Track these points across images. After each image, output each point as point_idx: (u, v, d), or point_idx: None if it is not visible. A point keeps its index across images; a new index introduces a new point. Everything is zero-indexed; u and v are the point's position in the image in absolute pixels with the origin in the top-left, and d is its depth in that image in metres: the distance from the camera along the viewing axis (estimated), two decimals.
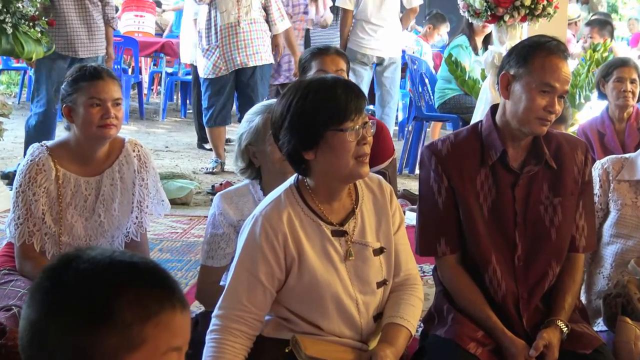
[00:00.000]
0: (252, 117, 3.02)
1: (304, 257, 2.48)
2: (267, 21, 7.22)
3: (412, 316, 2.61)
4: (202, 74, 7.31)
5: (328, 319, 2.51)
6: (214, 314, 2.48)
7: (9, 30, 5.35)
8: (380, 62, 7.76)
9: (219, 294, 3.01)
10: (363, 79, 7.56)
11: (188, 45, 8.78)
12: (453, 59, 6.67)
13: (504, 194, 2.84)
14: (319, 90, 2.41)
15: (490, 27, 6.37)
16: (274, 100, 3.10)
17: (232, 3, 6.99)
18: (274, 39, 7.32)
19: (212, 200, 6.10)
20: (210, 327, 2.46)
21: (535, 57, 2.76)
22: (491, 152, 2.83)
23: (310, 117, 2.39)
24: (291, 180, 2.57)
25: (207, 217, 5.48)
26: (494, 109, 2.91)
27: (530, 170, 2.85)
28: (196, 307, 3.39)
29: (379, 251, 2.58)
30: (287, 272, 2.49)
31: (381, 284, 2.59)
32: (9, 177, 6.16)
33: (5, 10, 5.33)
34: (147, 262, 1.37)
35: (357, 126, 2.40)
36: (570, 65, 3.24)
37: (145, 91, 12.01)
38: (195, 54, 8.02)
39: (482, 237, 2.83)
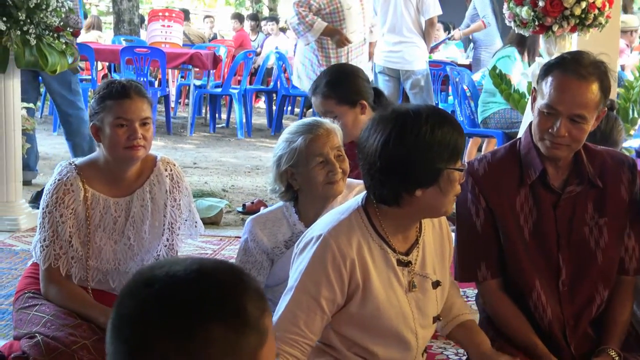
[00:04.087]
0: (293, 137, 3.02)
1: (369, 286, 2.48)
2: None
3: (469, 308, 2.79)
4: None
5: (384, 348, 2.54)
6: None
7: (33, 42, 5.42)
8: (404, 75, 7.91)
9: None
10: (386, 91, 7.68)
11: None
12: (498, 71, 6.67)
13: (545, 215, 2.85)
14: (434, 126, 2.37)
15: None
16: (313, 119, 3.12)
17: (360, 22, 7.27)
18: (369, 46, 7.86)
19: (243, 219, 6.26)
20: None
21: (548, 75, 2.76)
22: (530, 171, 2.84)
23: (430, 155, 2.37)
24: (358, 201, 2.55)
25: (238, 237, 5.64)
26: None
27: (572, 190, 2.85)
28: None
29: (436, 284, 2.60)
30: (348, 298, 2.49)
31: (436, 319, 2.62)
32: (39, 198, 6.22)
33: (29, 21, 5.41)
34: (225, 262, 1.47)
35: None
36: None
37: (172, 105, 12.11)
38: None
39: (523, 260, 2.84)
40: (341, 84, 3.79)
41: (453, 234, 2.83)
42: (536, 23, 5.24)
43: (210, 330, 1.35)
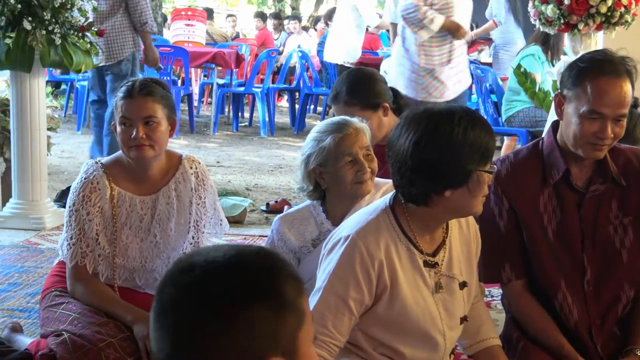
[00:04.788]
0: (322, 136, 3.02)
1: (397, 287, 2.49)
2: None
3: (496, 332, 2.78)
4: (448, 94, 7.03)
5: (412, 349, 2.54)
6: None
7: (58, 41, 5.46)
8: None
9: None
10: None
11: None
12: (522, 69, 6.65)
13: (569, 215, 2.84)
14: (467, 128, 2.37)
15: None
16: (342, 118, 3.13)
17: (467, 20, 7.13)
18: None
19: (267, 218, 6.27)
20: None
21: (584, 80, 2.71)
22: (553, 171, 2.84)
23: (461, 156, 2.37)
24: (386, 201, 2.56)
25: (262, 235, 5.67)
26: (556, 125, 2.89)
27: (596, 189, 2.84)
28: None
29: (462, 285, 2.60)
30: (376, 299, 2.50)
31: (463, 319, 2.62)
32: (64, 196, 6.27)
33: (54, 20, 5.44)
34: (261, 247, 1.52)
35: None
36: None
37: (195, 104, 12.15)
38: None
39: (548, 261, 2.84)
40: (362, 89, 3.77)
41: None
42: (562, 21, 5.22)
43: (251, 312, 1.39)
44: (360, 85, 3.78)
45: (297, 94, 12.34)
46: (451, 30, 6.85)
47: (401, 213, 2.52)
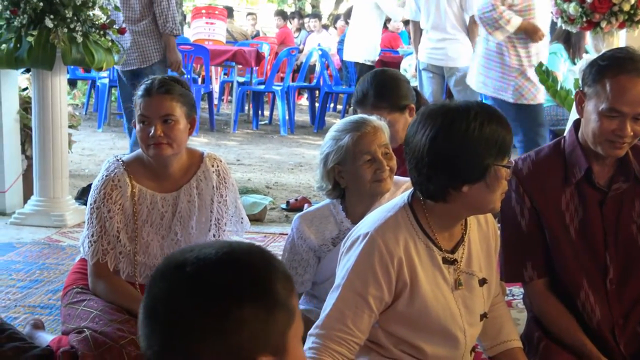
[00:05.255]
0: (340, 134, 3.02)
1: (417, 284, 2.48)
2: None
3: (517, 334, 2.76)
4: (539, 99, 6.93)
5: (432, 346, 2.54)
6: (312, 332, 2.48)
7: (79, 39, 5.48)
8: (448, 72, 7.89)
9: None
10: (430, 88, 7.68)
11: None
12: (544, 68, 6.61)
13: (591, 213, 2.83)
14: (483, 123, 2.37)
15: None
16: (360, 116, 3.12)
17: (546, 22, 6.90)
18: None
19: (287, 216, 6.27)
20: (309, 345, 2.45)
21: (604, 78, 2.69)
22: (575, 169, 2.82)
23: (479, 150, 2.36)
24: (404, 198, 2.55)
25: (282, 234, 5.67)
26: (577, 123, 2.87)
27: (618, 187, 2.83)
28: None
29: (482, 282, 2.59)
30: (395, 296, 2.49)
31: (483, 316, 2.61)
32: (85, 194, 6.31)
33: (75, 18, 5.46)
34: (253, 245, 1.51)
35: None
36: None
37: (215, 102, 12.16)
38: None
39: (570, 260, 2.82)
40: (389, 92, 3.76)
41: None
42: (584, 19, 5.19)
43: (242, 310, 1.39)
44: (387, 87, 3.76)
45: (317, 92, 12.33)
46: (528, 32, 6.71)
47: (420, 210, 2.51)
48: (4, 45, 5.43)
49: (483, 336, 2.72)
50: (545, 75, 6.21)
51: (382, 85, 3.78)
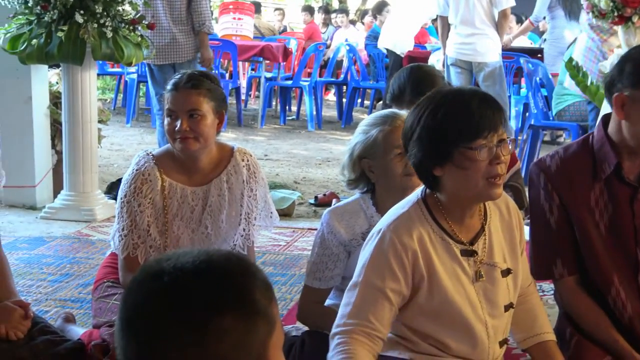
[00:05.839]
0: (369, 128, 3.01)
1: (435, 277, 2.46)
2: None
3: (551, 326, 2.74)
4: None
5: (456, 341, 2.52)
6: (335, 330, 2.46)
7: (109, 34, 5.50)
8: (476, 67, 7.87)
9: (323, 315, 3.04)
10: (458, 83, 7.68)
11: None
12: (574, 63, 6.57)
13: (621, 209, 2.79)
14: (451, 104, 2.39)
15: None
16: (390, 111, 3.11)
17: None
18: None
19: (315, 211, 6.28)
20: (336, 341, 2.43)
21: None
22: (604, 165, 2.78)
23: (439, 133, 2.38)
24: (418, 193, 2.55)
25: (310, 229, 5.67)
26: (605, 119, 2.83)
27: None
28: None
29: (506, 272, 2.57)
30: (414, 290, 2.48)
31: (508, 307, 2.59)
32: (114, 188, 6.34)
33: (105, 13, 5.49)
34: (232, 253, 1.48)
35: (491, 144, 2.37)
36: None
37: (243, 97, 12.18)
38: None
39: (600, 256, 2.80)
40: (427, 88, 3.69)
41: (527, 227, 2.80)
42: (615, 14, 5.15)
43: (223, 320, 1.35)
44: (424, 84, 3.71)
45: (344, 87, 12.32)
46: None
47: (433, 204, 2.50)
48: (34, 41, 5.46)
49: (516, 328, 2.70)
50: (575, 71, 6.17)
51: (419, 81, 3.76)
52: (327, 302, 3.14)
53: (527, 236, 3.13)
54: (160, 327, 1.35)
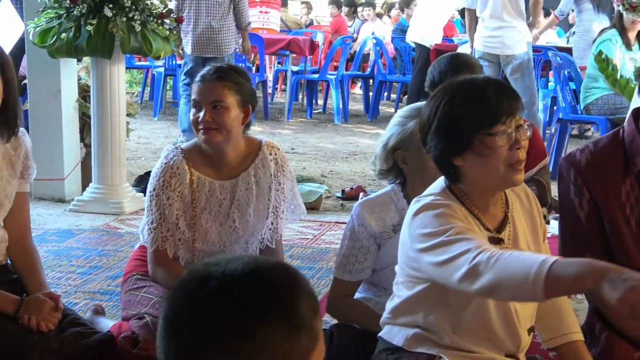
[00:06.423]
0: (405, 120, 3.01)
1: None
2: None
3: (578, 326, 2.71)
4: None
5: (486, 329, 2.50)
6: (468, 264, 2.22)
7: (138, 28, 5.53)
8: (504, 60, 7.83)
9: (352, 308, 3.04)
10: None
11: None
12: (603, 56, 6.54)
13: None
14: (467, 92, 2.39)
15: None
16: (424, 104, 3.11)
17: None
18: None
19: (342, 205, 6.28)
20: (483, 258, 2.20)
21: None
22: (635, 159, 2.76)
23: (457, 121, 2.38)
24: (441, 183, 2.52)
25: (338, 222, 5.67)
26: (636, 112, 2.82)
27: None
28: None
29: None
30: None
31: None
32: (142, 182, 6.38)
33: (134, 7, 5.51)
34: (280, 262, 1.47)
35: (510, 130, 2.36)
36: None
37: (269, 90, 12.20)
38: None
39: (631, 251, 2.78)
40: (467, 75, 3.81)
41: (556, 222, 2.78)
42: None
43: (265, 332, 1.33)
44: (465, 71, 3.79)
45: (371, 81, 12.31)
46: None
47: (459, 193, 2.48)
48: (63, 35, 5.50)
49: (542, 327, 2.68)
50: (605, 64, 6.14)
51: (460, 68, 3.83)
52: (357, 295, 3.14)
53: (556, 231, 3.11)
54: (202, 333, 1.34)
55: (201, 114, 3.19)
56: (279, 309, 1.36)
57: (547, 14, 11.39)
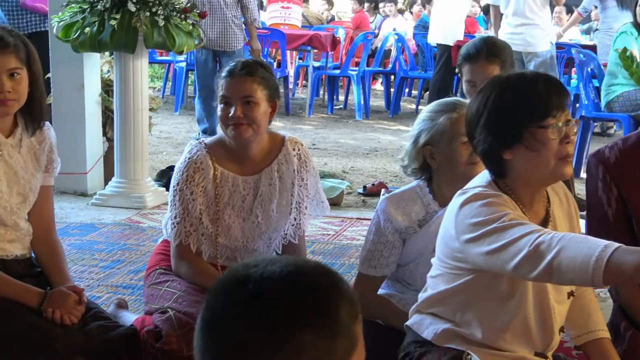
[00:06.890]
0: (434, 115, 3.00)
1: None
2: None
3: (605, 324, 2.70)
4: None
5: (522, 326, 2.48)
6: (537, 236, 2.23)
7: (161, 23, 5.54)
8: (527, 57, 7.81)
9: (377, 303, 3.03)
10: None
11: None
12: (628, 53, 6.48)
13: None
14: (518, 86, 2.39)
15: None
16: (454, 99, 3.10)
17: None
18: None
19: (364, 201, 6.27)
20: (542, 240, 2.21)
21: None
22: None
23: (509, 114, 2.36)
24: (486, 177, 2.49)
25: (359, 218, 5.67)
26: None
27: None
28: None
29: None
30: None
31: (570, 294, 2.57)
32: (164, 176, 6.39)
33: (157, 2, 5.52)
34: (321, 265, 1.45)
35: (560, 123, 2.36)
36: None
37: (290, 86, 12.19)
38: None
39: None
40: (502, 50, 4.01)
41: (583, 221, 2.76)
42: None
43: (303, 335, 1.33)
44: (500, 47, 4.03)
45: (392, 77, 12.28)
46: None
47: (504, 189, 2.45)
48: (87, 29, 5.51)
49: (570, 324, 2.67)
50: (629, 61, 6.09)
51: (495, 44, 4.04)
52: (380, 291, 3.14)
53: (583, 229, 3.09)
54: (240, 335, 1.34)
55: (232, 110, 3.18)
56: (316, 314, 1.35)
57: (568, 11, 11.35)
